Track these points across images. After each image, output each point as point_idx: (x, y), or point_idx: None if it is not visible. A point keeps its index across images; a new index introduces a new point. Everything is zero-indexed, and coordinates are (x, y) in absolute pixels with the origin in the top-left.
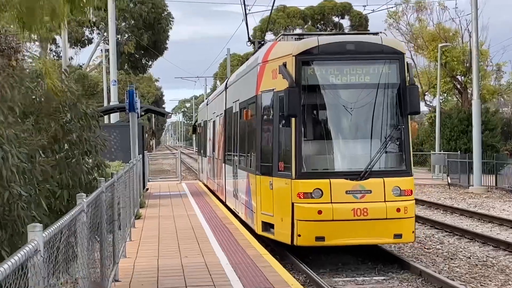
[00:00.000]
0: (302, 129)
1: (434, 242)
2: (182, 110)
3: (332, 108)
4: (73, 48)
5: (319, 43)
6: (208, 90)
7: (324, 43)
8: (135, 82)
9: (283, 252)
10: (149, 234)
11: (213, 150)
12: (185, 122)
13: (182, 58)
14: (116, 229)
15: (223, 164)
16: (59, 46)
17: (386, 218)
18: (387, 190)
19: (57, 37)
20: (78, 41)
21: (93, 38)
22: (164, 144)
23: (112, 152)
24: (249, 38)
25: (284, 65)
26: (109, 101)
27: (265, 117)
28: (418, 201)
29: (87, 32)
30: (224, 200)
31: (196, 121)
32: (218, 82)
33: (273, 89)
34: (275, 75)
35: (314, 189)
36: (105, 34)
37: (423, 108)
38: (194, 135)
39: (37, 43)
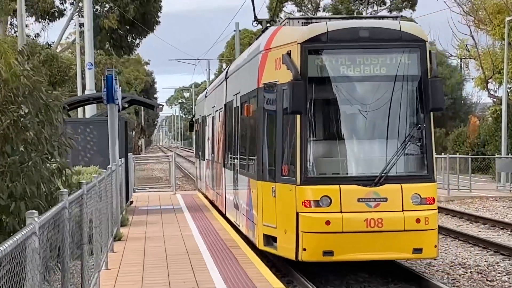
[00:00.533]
0: (308, 127)
1: (499, 273)
2: (180, 101)
3: (343, 104)
4: (39, 22)
5: (328, 29)
6: (212, 76)
7: (334, 29)
8: (119, 65)
9: (286, 267)
10: (131, 261)
11: (212, 152)
12: (183, 116)
13: (179, 36)
14: (85, 255)
15: (223, 169)
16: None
17: (404, 230)
18: (406, 198)
19: None
20: (46, 13)
21: (65, 9)
22: (157, 144)
23: (86, 155)
24: (255, 17)
25: (289, 54)
26: (84, 89)
27: (267, 113)
28: (479, 218)
29: (57, 2)
30: (224, 211)
31: (194, 116)
32: (224, 66)
33: (276, 82)
34: (278, 66)
35: (321, 196)
36: (80, 4)
37: (486, 99)
38: (192, 133)
39: None
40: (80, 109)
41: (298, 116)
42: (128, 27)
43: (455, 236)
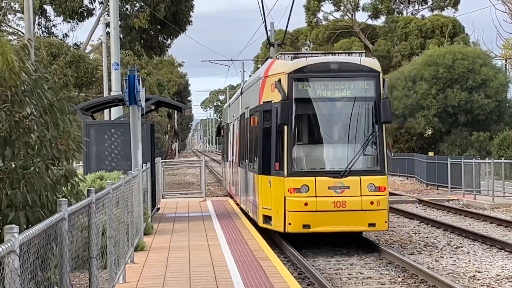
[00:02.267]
0: (292, 135)
1: None
2: (214, 104)
3: (318, 118)
4: (68, 22)
5: (307, 63)
6: (247, 78)
7: (312, 63)
8: (151, 67)
9: (281, 243)
10: (151, 274)
11: (232, 154)
12: (218, 119)
13: (212, 38)
14: (94, 269)
15: (238, 168)
16: (50, 20)
17: (362, 210)
18: (363, 187)
19: (48, 7)
20: (74, 13)
21: (94, 9)
22: (191, 148)
23: (113, 160)
24: (268, 41)
25: (279, 81)
26: (110, 90)
27: (265, 124)
28: None
29: (86, 1)
30: (239, 202)
31: (220, 122)
32: (260, 66)
33: (271, 101)
34: (273, 89)
35: (302, 185)
36: (109, 3)
37: None
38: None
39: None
40: (106, 111)
41: (285, 127)
42: (159, 27)
43: (501, 246)
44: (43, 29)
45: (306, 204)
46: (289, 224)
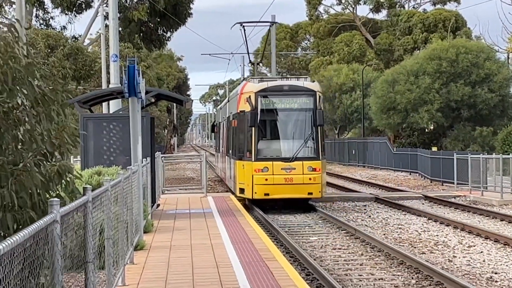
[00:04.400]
0: (258, 133)
1: None
2: (214, 98)
3: (275, 122)
4: (66, 14)
5: (268, 86)
6: (247, 73)
7: (271, 86)
8: (150, 60)
9: (253, 208)
10: (152, 275)
11: (222, 147)
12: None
13: (211, 32)
14: (91, 275)
15: (226, 157)
16: (48, 12)
17: (303, 183)
18: (304, 168)
19: None
20: (73, 4)
21: (92, 1)
22: (190, 142)
23: (112, 154)
24: (250, 61)
25: (249, 97)
26: (108, 83)
27: (241, 125)
28: None
29: None
30: (226, 182)
31: (215, 121)
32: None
33: (244, 110)
34: (245, 102)
35: (263, 167)
36: None
37: None
38: (213, 133)
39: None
40: (104, 105)
41: (253, 128)
42: (158, 19)
43: None
44: (41, 21)
45: (266, 179)
46: (255, 193)
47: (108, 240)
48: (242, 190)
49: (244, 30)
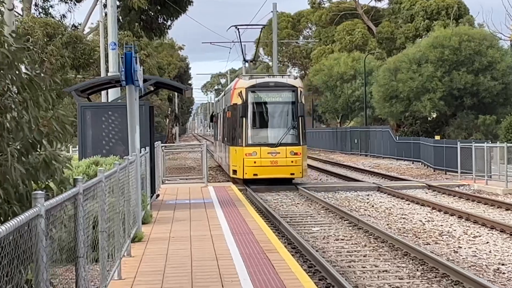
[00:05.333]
0: (248, 123)
1: None
2: (215, 88)
3: (262, 113)
4: (65, 2)
5: (256, 82)
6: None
7: (259, 82)
8: (151, 49)
9: (246, 186)
10: (149, 268)
11: (219, 135)
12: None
13: (212, 21)
14: (82, 271)
15: (222, 144)
16: (47, 0)
17: (286, 165)
18: (287, 152)
19: None
20: None
21: None
22: (192, 132)
23: (108, 144)
24: (244, 59)
25: (241, 92)
26: (107, 72)
27: (234, 116)
28: None
29: None
30: (222, 166)
31: (213, 112)
32: (261, 50)
33: (237, 103)
34: (238, 96)
35: (253, 151)
36: None
37: None
38: (212, 123)
39: None
40: (103, 93)
41: (244, 118)
42: (158, 7)
43: None
44: (40, 10)
45: (255, 162)
46: (245, 173)
47: (102, 233)
48: (234, 172)
49: (239, 32)
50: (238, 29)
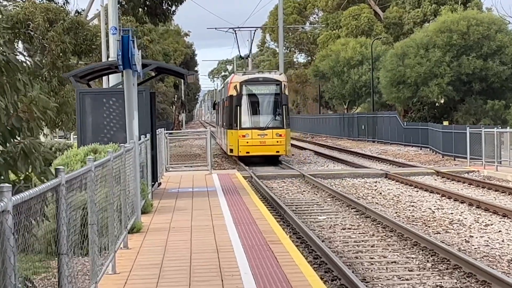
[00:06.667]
0: (241, 110)
1: None
2: (222, 74)
3: (253, 103)
4: None
5: (248, 78)
6: (255, 50)
7: (250, 78)
8: (155, 35)
9: (244, 165)
10: (146, 262)
11: (220, 120)
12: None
13: (218, 6)
14: (65, 269)
15: (222, 128)
16: None
17: (272, 145)
18: (273, 134)
19: None
20: None
21: None
22: (199, 119)
23: (109, 131)
24: (240, 56)
25: (236, 85)
26: (108, 58)
27: (230, 105)
28: None
29: None
30: (221, 146)
31: (215, 100)
32: (268, 37)
33: (232, 94)
34: (233, 89)
35: (245, 134)
36: None
37: None
38: (214, 110)
39: None
40: (104, 79)
41: (238, 107)
42: None
43: None
44: None
45: (247, 142)
46: (240, 152)
47: (92, 226)
48: (231, 150)
49: (236, 34)
50: (235, 31)
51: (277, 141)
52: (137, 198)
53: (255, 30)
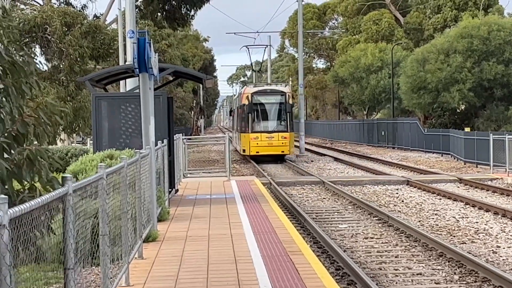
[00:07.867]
0: (253, 117)
1: None
2: (241, 80)
3: (262, 110)
4: None
5: (258, 90)
6: (274, 55)
7: (259, 89)
8: (174, 39)
9: (255, 163)
10: (161, 273)
11: (235, 126)
12: None
13: (237, 11)
14: (71, 284)
15: (237, 132)
16: None
17: (278, 146)
18: (279, 137)
19: None
20: None
21: None
22: (217, 124)
23: (128, 137)
24: (252, 69)
25: (248, 96)
26: (125, 62)
27: (243, 112)
28: None
29: None
30: (235, 148)
31: (231, 108)
32: (286, 42)
33: (245, 103)
34: (245, 98)
35: (256, 136)
36: None
37: None
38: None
39: None
40: (121, 83)
41: (249, 113)
42: None
43: None
44: (61, 0)
45: (257, 143)
46: (251, 151)
47: (104, 237)
48: (244, 151)
49: (249, 51)
50: (248, 49)
51: (282, 143)
52: (153, 205)
53: (266, 47)
